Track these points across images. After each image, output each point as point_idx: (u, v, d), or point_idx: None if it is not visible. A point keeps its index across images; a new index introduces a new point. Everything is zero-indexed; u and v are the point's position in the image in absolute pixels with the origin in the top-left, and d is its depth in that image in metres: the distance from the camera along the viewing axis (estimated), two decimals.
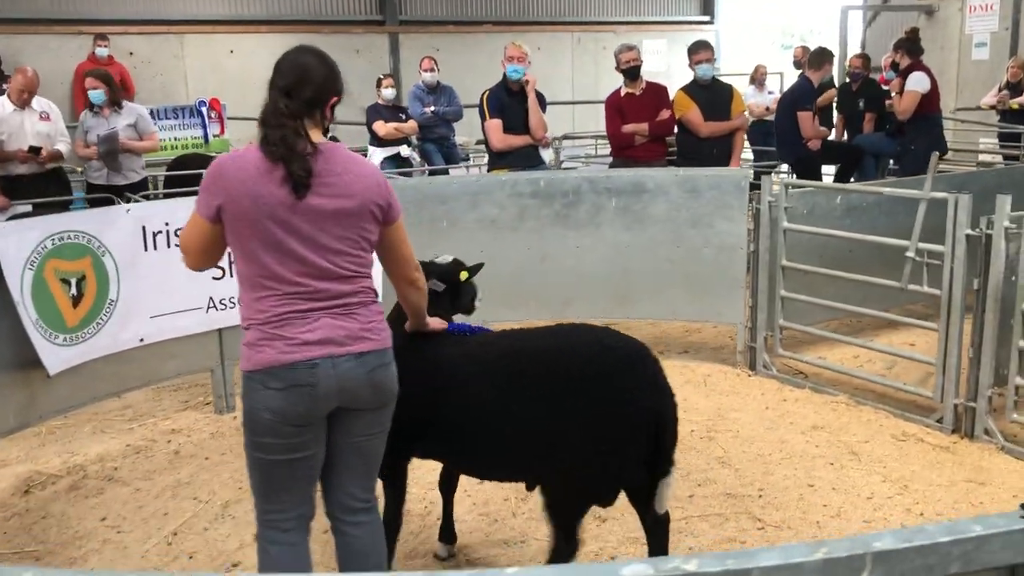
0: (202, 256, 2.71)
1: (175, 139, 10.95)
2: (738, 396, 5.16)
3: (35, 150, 6.80)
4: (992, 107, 10.91)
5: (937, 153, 4.64)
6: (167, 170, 9.48)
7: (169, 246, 4.72)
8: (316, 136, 2.64)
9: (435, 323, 3.09)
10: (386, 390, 2.70)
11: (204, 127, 11.16)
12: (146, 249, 4.65)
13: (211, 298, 4.91)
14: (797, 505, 3.83)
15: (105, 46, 11.36)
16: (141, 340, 4.67)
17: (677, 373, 5.52)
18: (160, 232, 4.69)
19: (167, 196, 8.48)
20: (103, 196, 6.87)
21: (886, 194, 5.10)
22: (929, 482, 4.01)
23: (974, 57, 12.45)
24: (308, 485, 2.72)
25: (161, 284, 4.70)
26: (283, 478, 2.65)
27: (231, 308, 4.97)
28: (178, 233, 4.66)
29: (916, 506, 3.82)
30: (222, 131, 11.38)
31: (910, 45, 8.14)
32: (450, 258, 3.59)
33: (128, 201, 6.42)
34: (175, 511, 3.96)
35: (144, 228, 4.63)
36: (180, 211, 4.79)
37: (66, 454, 4.59)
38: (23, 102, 6.85)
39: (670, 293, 5.67)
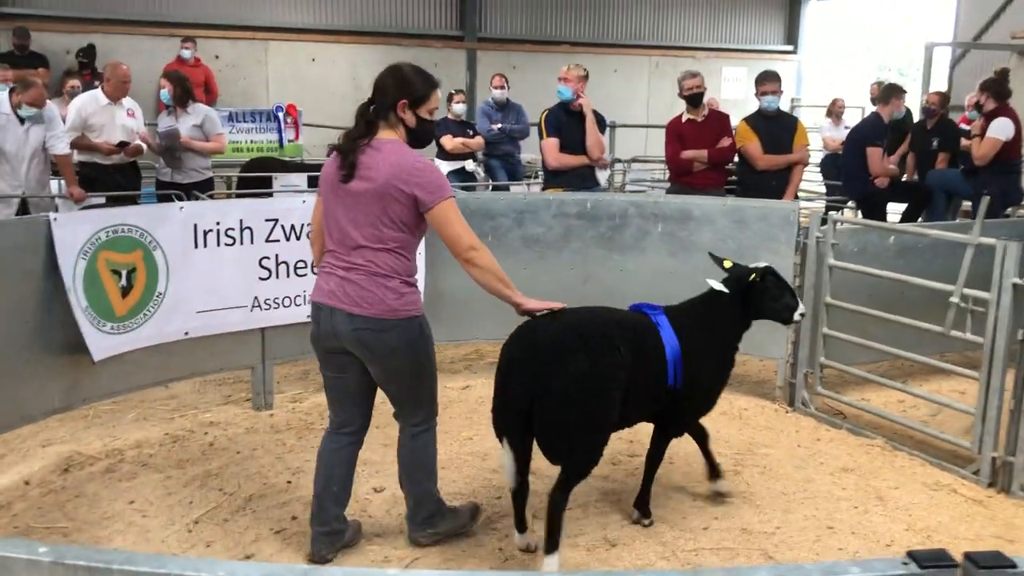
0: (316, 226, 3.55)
1: (251, 142, 11.32)
2: (772, 432, 5.08)
3: (123, 144, 7.15)
4: None
5: (988, 197, 4.51)
6: (241, 171, 9.81)
7: (219, 244, 4.90)
8: (386, 134, 3.34)
9: (526, 301, 3.56)
10: (374, 350, 3.36)
11: (280, 132, 11.49)
12: (196, 246, 4.82)
13: (256, 297, 5.06)
14: (812, 546, 3.76)
15: (190, 48, 11.81)
16: (186, 334, 4.85)
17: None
18: (211, 231, 4.87)
19: (239, 196, 8.79)
20: (169, 192, 7.14)
21: (932, 236, 4.98)
22: (955, 535, 3.89)
23: None
24: (341, 401, 3.59)
25: (208, 281, 4.88)
26: (327, 390, 3.61)
27: (275, 308, 5.13)
28: (228, 232, 4.87)
29: None
30: (296, 136, 11.70)
31: (997, 87, 7.93)
32: (763, 264, 3.97)
33: (192, 199, 6.67)
34: (200, 500, 4.09)
35: (195, 226, 4.81)
36: (232, 212, 4.98)
37: (108, 438, 4.79)
38: (118, 96, 7.20)
39: None
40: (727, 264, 3.98)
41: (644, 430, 4.05)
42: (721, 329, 3.86)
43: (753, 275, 3.85)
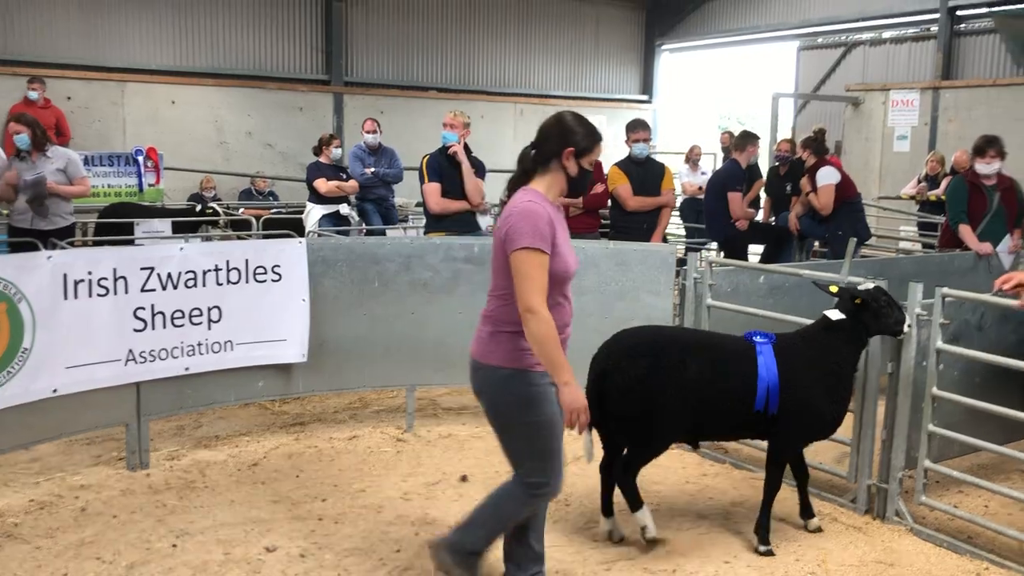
0: None
1: (109, 186, 10.81)
2: (660, 469, 5.18)
3: None
4: (912, 197, 11.40)
5: (855, 239, 4.82)
6: (99, 217, 9.32)
7: (91, 295, 4.63)
8: (538, 185, 3.35)
9: (569, 386, 3.21)
10: (479, 395, 3.40)
11: (139, 176, 11.03)
12: (66, 297, 4.54)
13: (131, 350, 4.80)
14: None
15: (36, 89, 11.20)
16: (54, 391, 4.54)
17: None
18: (82, 280, 4.60)
19: (96, 244, 8.35)
20: (26, 240, 6.71)
21: (805, 276, 5.26)
22: (841, 562, 4.07)
23: (896, 149, 13.04)
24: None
25: (79, 334, 4.59)
26: None
27: (151, 361, 4.87)
28: (101, 282, 4.62)
29: None
30: (157, 180, 11.26)
31: (816, 145, 8.59)
32: (871, 285, 4.16)
33: (53, 247, 6.28)
34: (75, 572, 3.80)
35: (65, 276, 4.53)
36: (105, 260, 4.73)
37: None
38: None
39: None
40: (833, 289, 4.21)
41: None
42: (833, 354, 4.09)
43: (859, 297, 4.10)
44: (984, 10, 13.62)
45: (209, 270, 5.06)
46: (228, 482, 4.82)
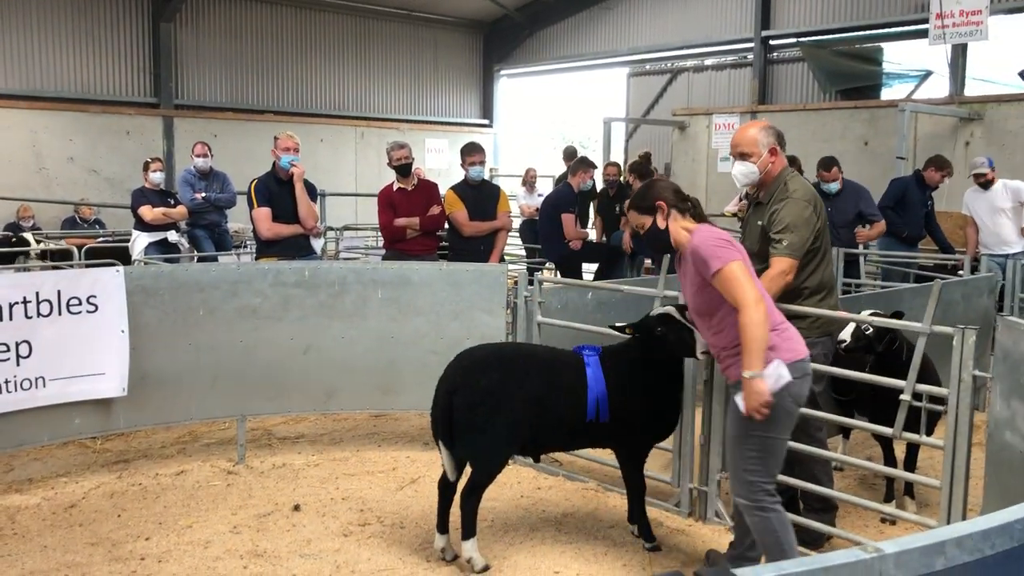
0: None
1: None
2: (496, 486, 5.24)
3: None
4: (734, 215, 12.08)
5: (669, 255, 5.06)
6: None
7: None
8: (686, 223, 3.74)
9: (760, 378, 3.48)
10: None
11: None
12: None
13: None
14: None
15: None
16: None
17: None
18: None
19: None
20: None
21: (626, 292, 5.49)
22: (666, 565, 4.24)
23: (720, 170, 13.78)
24: None
25: None
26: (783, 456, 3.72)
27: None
28: None
29: None
30: None
31: (641, 169, 8.99)
32: (660, 311, 4.25)
33: None
34: None
35: None
36: None
37: None
38: None
39: (434, 384, 5.73)
40: (628, 331, 4.28)
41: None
42: (651, 365, 4.23)
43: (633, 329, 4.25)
44: (793, 40, 14.67)
45: (17, 302, 4.77)
46: (41, 527, 4.54)
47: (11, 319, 4.75)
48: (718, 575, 1.24)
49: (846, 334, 4.45)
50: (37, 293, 4.85)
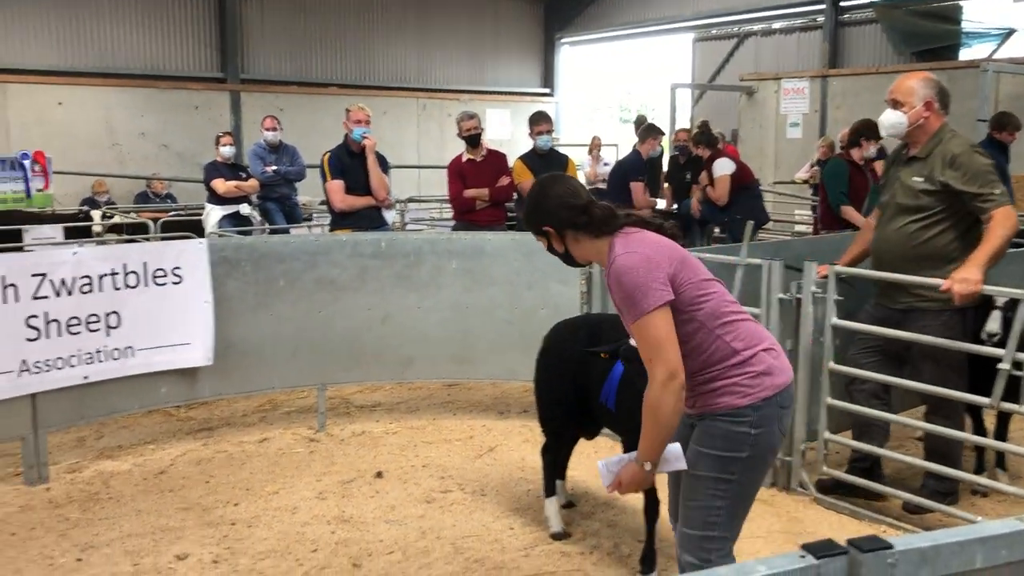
0: None
1: None
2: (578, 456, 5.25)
3: None
4: (805, 181, 11.83)
5: (752, 222, 4.97)
6: None
7: None
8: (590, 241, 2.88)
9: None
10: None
11: (26, 181, 10.54)
12: None
13: (24, 360, 4.60)
14: (626, 563, 3.93)
15: None
16: None
17: (516, 433, 5.60)
18: None
19: None
20: None
21: (707, 260, 5.39)
22: (750, 534, 4.18)
23: (788, 135, 13.49)
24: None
25: None
26: (748, 502, 2.89)
27: (46, 371, 4.68)
28: None
29: (739, 557, 3.99)
30: (46, 185, 10.78)
31: (706, 139, 8.78)
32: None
33: None
34: None
35: None
36: None
37: None
38: None
39: (509, 354, 5.75)
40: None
41: None
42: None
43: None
44: (866, 1, 14.21)
45: (105, 274, 4.89)
46: (134, 492, 4.67)
47: (101, 290, 4.88)
48: (872, 543, 1.20)
49: (994, 325, 4.00)
50: (124, 265, 4.96)
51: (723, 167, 8.42)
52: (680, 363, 2.59)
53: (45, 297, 4.68)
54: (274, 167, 9.30)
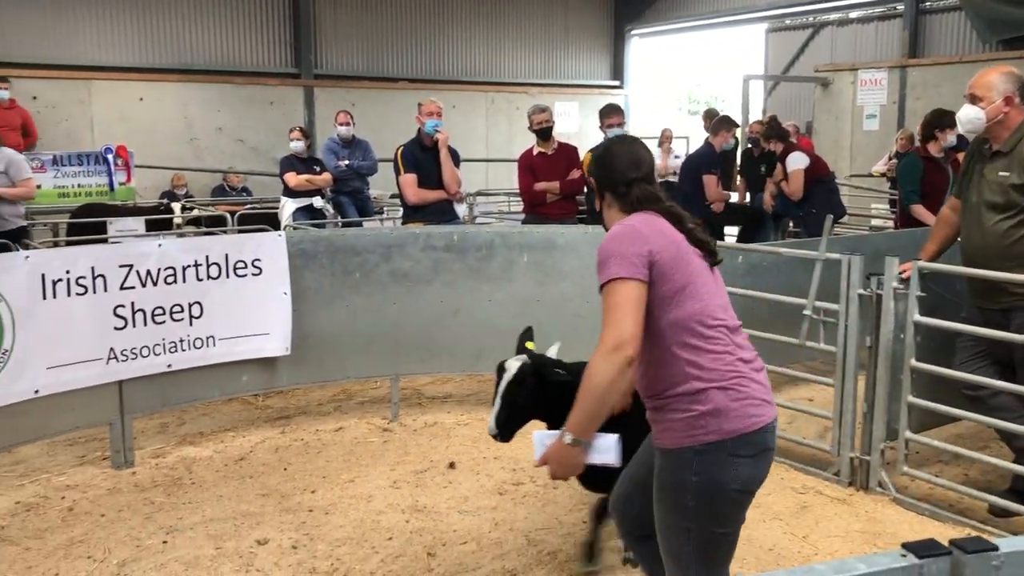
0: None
1: (79, 186, 10.68)
2: None
3: None
4: (883, 175, 11.53)
5: (831, 216, 4.87)
6: (71, 218, 9.22)
7: (69, 294, 4.59)
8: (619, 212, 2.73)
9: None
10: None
11: (110, 175, 10.90)
12: (44, 297, 4.50)
13: (112, 348, 4.76)
14: None
15: (5, 88, 11.03)
16: (36, 392, 4.50)
17: None
18: (60, 280, 4.55)
19: (69, 244, 8.26)
20: None
21: (784, 254, 5.32)
22: (828, 533, 4.13)
23: (865, 127, 13.16)
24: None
25: (59, 333, 4.55)
26: (728, 551, 2.60)
27: (133, 359, 4.84)
28: (79, 280, 4.56)
29: (816, 556, 3.93)
30: (129, 179, 11.14)
31: (777, 133, 8.60)
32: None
33: (11, 249, 6.22)
34: (67, 571, 3.78)
35: (43, 276, 4.49)
36: (83, 259, 4.69)
37: None
38: None
39: (580, 347, 5.72)
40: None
41: None
42: None
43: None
44: None
45: (188, 266, 5.03)
46: (215, 477, 4.81)
47: (184, 281, 5.02)
48: (977, 543, 1.18)
49: None
50: (207, 256, 5.10)
51: (797, 161, 8.27)
52: (636, 337, 2.36)
53: (132, 288, 4.83)
54: (347, 161, 9.44)
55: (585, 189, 7.35)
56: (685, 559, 2.54)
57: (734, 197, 9.91)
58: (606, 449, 2.54)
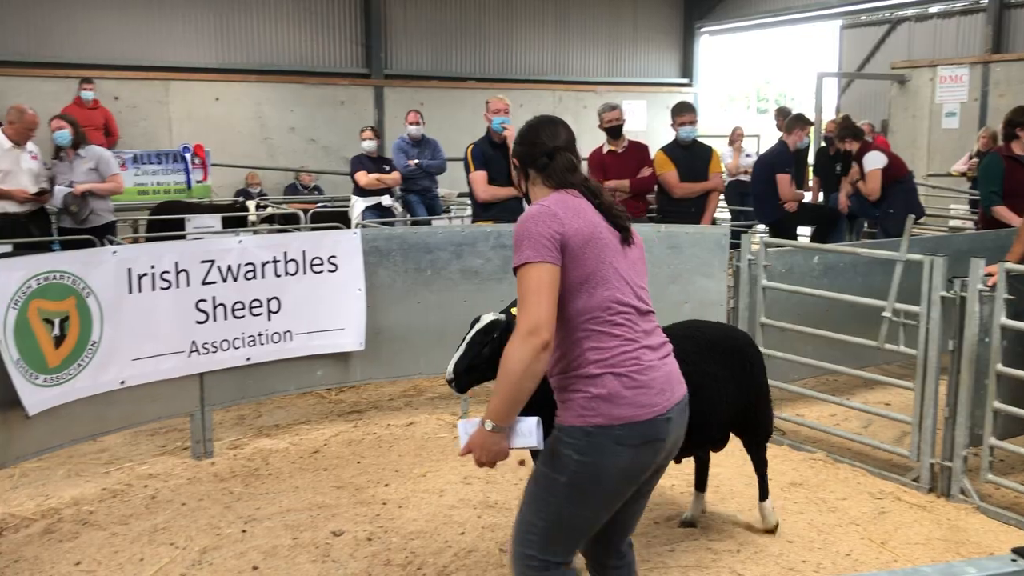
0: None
1: (158, 184, 11.01)
2: (722, 453, 5.17)
3: (42, 192, 6.91)
4: (963, 174, 11.20)
5: (913, 216, 4.76)
6: (150, 215, 9.52)
7: (154, 288, 4.73)
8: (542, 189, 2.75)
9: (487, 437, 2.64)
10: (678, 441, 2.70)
11: (187, 173, 11.21)
12: (130, 291, 4.65)
13: (194, 342, 4.90)
14: (776, 561, 3.85)
15: (90, 89, 11.41)
16: (122, 383, 4.65)
17: None
18: (145, 274, 4.70)
19: (148, 240, 8.53)
20: (81, 238, 6.88)
21: (863, 255, 5.21)
22: (907, 540, 4.04)
23: (944, 126, 12.81)
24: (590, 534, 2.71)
25: (144, 326, 4.70)
26: (591, 530, 2.66)
27: (213, 352, 4.97)
28: (163, 275, 4.70)
29: (895, 563, 3.85)
30: (205, 177, 11.44)
31: (851, 132, 8.38)
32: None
33: (102, 244, 6.43)
34: (151, 556, 3.91)
35: (129, 270, 4.63)
36: (167, 254, 4.83)
37: (40, 497, 4.53)
38: (22, 141, 6.95)
39: None
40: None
41: None
42: None
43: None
44: None
45: (268, 262, 5.15)
46: (291, 469, 4.91)
47: (263, 277, 5.14)
48: None
49: None
50: (285, 253, 5.21)
51: (874, 161, 8.07)
52: (549, 322, 2.41)
53: (213, 282, 4.96)
54: (416, 160, 9.54)
55: (656, 187, 7.31)
56: (531, 536, 2.59)
57: (807, 197, 9.72)
58: (527, 433, 2.56)
